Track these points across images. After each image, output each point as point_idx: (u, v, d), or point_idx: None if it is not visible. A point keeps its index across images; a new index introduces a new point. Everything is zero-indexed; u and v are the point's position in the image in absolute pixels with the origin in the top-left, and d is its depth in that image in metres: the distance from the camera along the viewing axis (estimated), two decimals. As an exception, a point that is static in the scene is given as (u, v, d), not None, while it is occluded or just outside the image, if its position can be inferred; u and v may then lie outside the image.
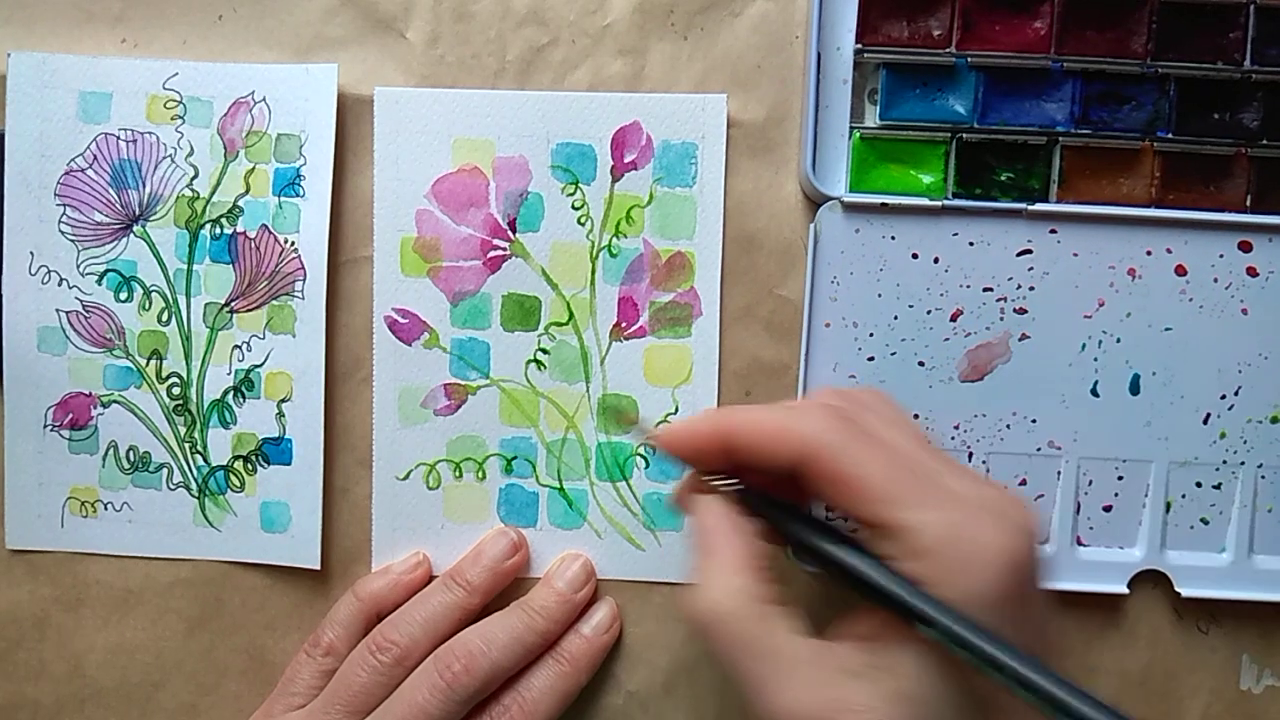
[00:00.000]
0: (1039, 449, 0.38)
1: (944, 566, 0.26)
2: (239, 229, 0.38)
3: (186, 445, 0.39)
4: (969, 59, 0.37)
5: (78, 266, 0.38)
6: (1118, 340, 0.38)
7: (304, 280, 0.38)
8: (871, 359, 0.38)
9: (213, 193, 0.38)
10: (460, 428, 0.38)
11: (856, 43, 0.37)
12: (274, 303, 0.38)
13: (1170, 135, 0.37)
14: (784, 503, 0.30)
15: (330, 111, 0.37)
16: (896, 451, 0.28)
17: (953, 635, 0.26)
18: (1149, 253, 0.37)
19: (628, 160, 0.38)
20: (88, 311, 0.38)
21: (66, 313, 0.38)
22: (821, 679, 0.27)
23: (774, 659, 0.27)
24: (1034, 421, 0.38)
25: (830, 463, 0.27)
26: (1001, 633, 0.26)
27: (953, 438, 0.38)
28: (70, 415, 0.39)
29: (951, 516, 0.27)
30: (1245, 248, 0.37)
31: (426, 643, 0.36)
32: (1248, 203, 0.37)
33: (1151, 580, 0.39)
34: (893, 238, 0.37)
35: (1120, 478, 0.38)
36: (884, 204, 0.37)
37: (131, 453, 0.39)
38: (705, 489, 0.31)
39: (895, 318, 0.38)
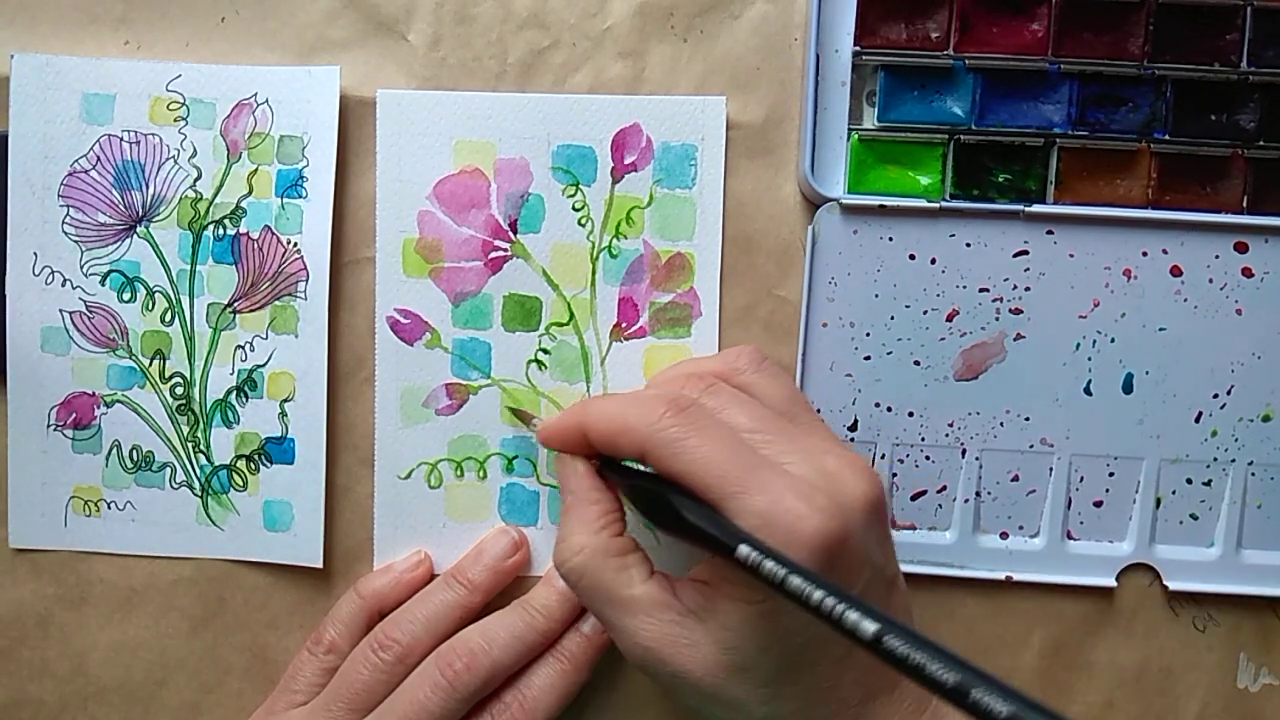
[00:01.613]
0: (1031, 446, 0.38)
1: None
2: (242, 230, 0.38)
3: (190, 445, 0.39)
4: (966, 61, 0.37)
5: (81, 267, 0.38)
6: (1112, 340, 0.38)
7: (306, 281, 0.38)
8: (868, 358, 0.38)
9: (216, 194, 0.38)
10: (461, 427, 0.39)
11: (855, 45, 0.37)
12: (277, 303, 0.38)
13: (1167, 137, 0.37)
14: (627, 469, 0.33)
15: (332, 113, 0.38)
16: (726, 440, 0.29)
17: (759, 564, 0.27)
18: (1145, 254, 0.38)
19: (628, 162, 0.38)
20: (91, 312, 0.39)
21: (70, 313, 0.39)
22: (662, 618, 0.30)
23: (626, 605, 0.31)
24: (1027, 419, 0.38)
25: (663, 460, 0.30)
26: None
27: (947, 435, 0.38)
28: (74, 415, 0.39)
29: (769, 502, 0.28)
30: (1241, 249, 0.38)
31: (428, 641, 0.36)
32: (1244, 204, 0.37)
33: (1148, 578, 0.39)
34: (890, 239, 0.38)
35: (1111, 474, 0.39)
36: (882, 205, 0.37)
37: (135, 452, 0.39)
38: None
39: (892, 318, 0.38)
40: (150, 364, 0.39)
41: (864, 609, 0.24)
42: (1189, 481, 0.39)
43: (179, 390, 0.39)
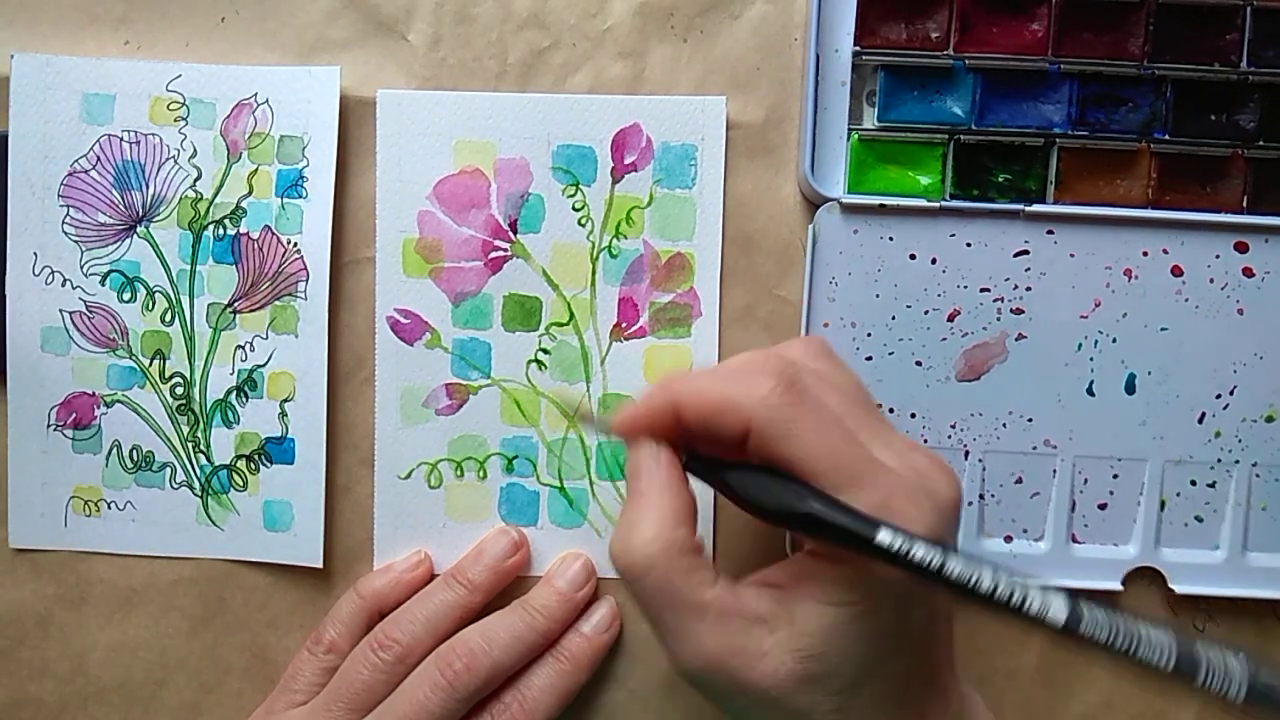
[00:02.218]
0: (1035, 447, 0.38)
1: None
2: (242, 230, 0.38)
3: (190, 444, 0.39)
4: (966, 61, 0.37)
5: (81, 267, 0.38)
6: (1114, 340, 0.38)
7: (307, 281, 0.38)
8: (869, 359, 0.38)
9: (216, 194, 0.38)
10: (461, 427, 0.39)
11: (855, 45, 0.37)
12: (277, 303, 0.38)
13: (1167, 137, 0.37)
14: (718, 459, 0.30)
15: (332, 113, 0.38)
16: (835, 425, 0.28)
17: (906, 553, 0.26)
18: (1145, 253, 0.38)
19: (628, 162, 0.38)
20: (91, 312, 0.39)
21: (70, 313, 0.39)
22: (728, 626, 0.28)
23: (694, 609, 0.28)
24: (1030, 420, 0.38)
25: (776, 441, 0.27)
26: (913, 603, 0.28)
27: (949, 436, 0.38)
28: (74, 415, 0.39)
29: (881, 499, 0.27)
30: (1241, 248, 0.38)
31: (428, 641, 0.36)
32: (1244, 204, 0.37)
33: (1147, 578, 0.39)
34: (890, 238, 0.38)
35: (1115, 476, 0.38)
36: (882, 205, 0.37)
37: (135, 452, 0.39)
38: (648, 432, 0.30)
39: (893, 318, 0.38)
40: (150, 364, 0.39)
41: (1043, 589, 0.23)
42: (1193, 483, 0.38)
43: (179, 390, 0.39)
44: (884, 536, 0.26)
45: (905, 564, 0.25)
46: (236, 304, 0.38)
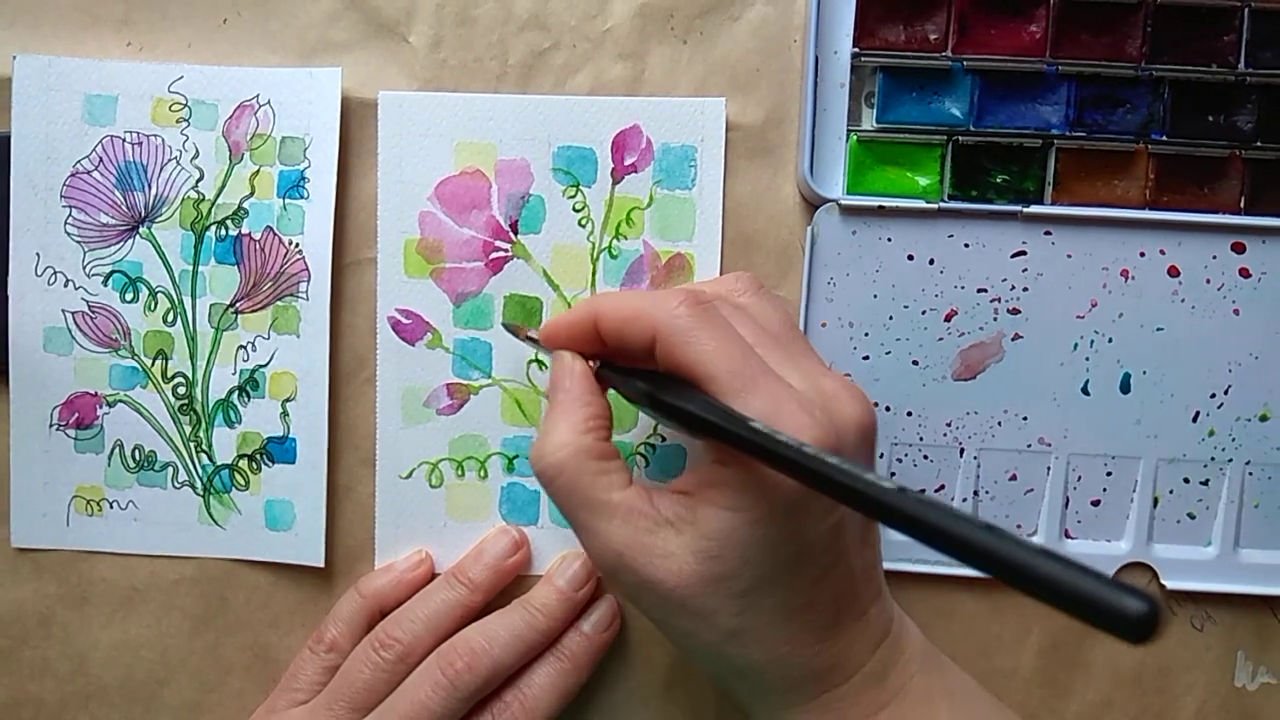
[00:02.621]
0: (1029, 445, 0.39)
1: None
2: (244, 230, 0.38)
3: (191, 444, 0.39)
4: (965, 62, 0.37)
5: (84, 267, 0.39)
6: (1109, 340, 0.38)
7: (308, 281, 0.38)
8: (866, 358, 0.38)
9: (218, 195, 0.38)
10: (462, 427, 0.39)
11: (854, 46, 0.37)
12: (279, 303, 0.38)
13: (1165, 138, 0.37)
14: (629, 368, 0.32)
15: (334, 114, 0.38)
16: (736, 341, 0.29)
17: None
18: (1142, 254, 0.38)
19: (628, 163, 0.38)
20: (94, 312, 0.39)
21: (72, 313, 0.39)
22: (637, 525, 0.30)
23: (601, 508, 0.30)
24: (1025, 419, 0.38)
25: (676, 348, 0.29)
26: (808, 521, 0.28)
27: (945, 434, 0.38)
28: (76, 415, 0.39)
29: (772, 405, 0.28)
30: (1238, 249, 0.38)
31: (429, 640, 0.36)
32: (1241, 205, 0.38)
33: (1146, 577, 0.39)
34: (889, 239, 0.38)
35: (1109, 474, 0.39)
36: (880, 206, 0.37)
37: (137, 452, 0.39)
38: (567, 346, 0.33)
39: (890, 318, 0.38)
40: (152, 364, 0.39)
41: (879, 478, 0.24)
42: (1186, 481, 0.39)
43: (181, 390, 0.39)
44: (757, 424, 0.27)
45: (773, 458, 0.26)
46: (238, 304, 0.39)
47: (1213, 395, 0.38)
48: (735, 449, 0.28)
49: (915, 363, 0.38)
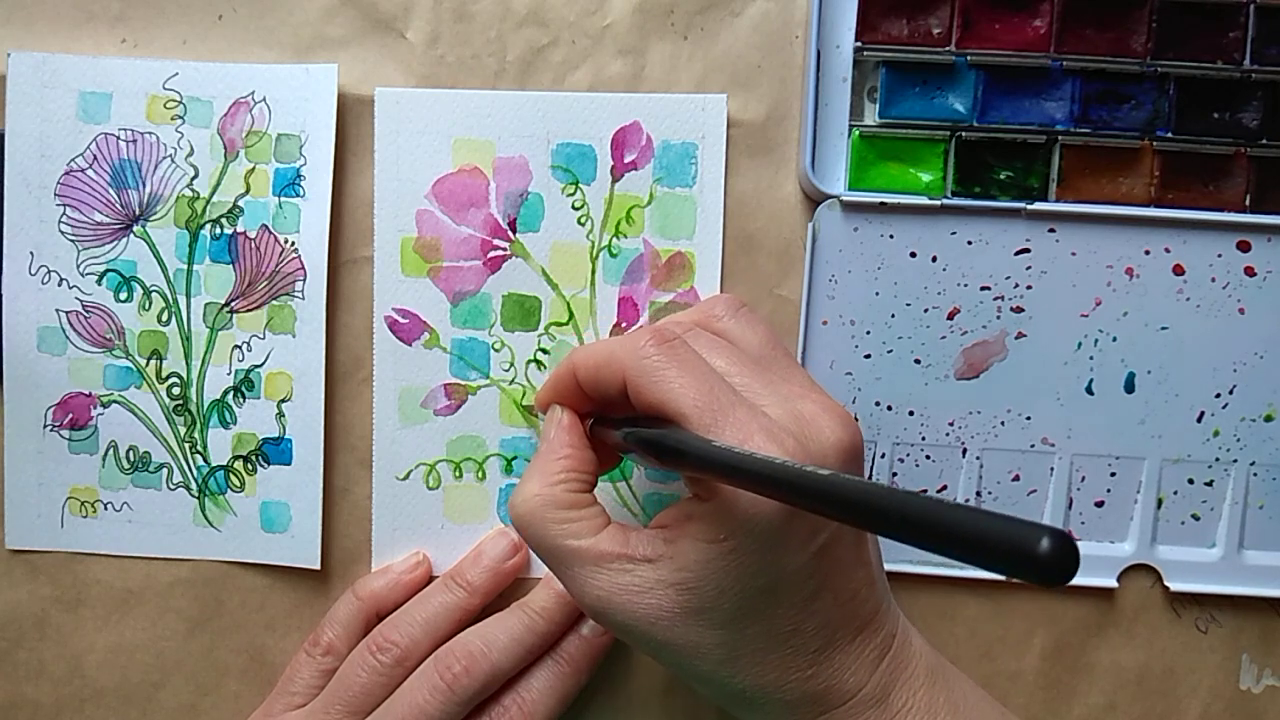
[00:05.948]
0: (1033, 445, 0.38)
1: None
2: (239, 229, 0.38)
3: (186, 445, 0.39)
4: (969, 57, 0.37)
5: (78, 266, 0.38)
6: (1114, 339, 0.38)
7: (304, 280, 0.38)
8: (868, 356, 0.38)
9: (213, 193, 0.38)
10: (460, 428, 0.39)
11: (856, 41, 0.37)
12: (274, 303, 0.38)
13: (1170, 134, 0.37)
14: (615, 419, 0.33)
15: (330, 111, 0.37)
16: (705, 374, 0.29)
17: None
18: (1147, 252, 0.38)
19: (628, 160, 0.38)
20: (88, 311, 0.38)
21: (66, 313, 0.38)
22: (610, 568, 0.30)
23: (569, 556, 0.30)
24: (1028, 419, 0.38)
25: (644, 388, 0.29)
26: (786, 550, 0.28)
27: (947, 434, 0.38)
28: (70, 415, 0.39)
29: (739, 439, 0.28)
30: (1244, 247, 0.37)
31: (427, 643, 0.36)
32: (1247, 202, 0.37)
33: (1150, 579, 0.39)
34: (891, 236, 0.37)
35: (1113, 474, 0.38)
36: (883, 203, 0.37)
37: (131, 453, 0.39)
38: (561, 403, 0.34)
39: (893, 316, 0.38)
40: (147, 364, 0.39)
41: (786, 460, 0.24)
42: (1190, 482, 0.38)
43: (176, 391, 0.39)
44: (718, 446, 0.26)
45: (717, 468, 0.26)
46: (233, 304, 0.38)
47: (1217, 395, 0.38)
48: (704, 475, 0.28)
49: (917, 361, 0.38)
